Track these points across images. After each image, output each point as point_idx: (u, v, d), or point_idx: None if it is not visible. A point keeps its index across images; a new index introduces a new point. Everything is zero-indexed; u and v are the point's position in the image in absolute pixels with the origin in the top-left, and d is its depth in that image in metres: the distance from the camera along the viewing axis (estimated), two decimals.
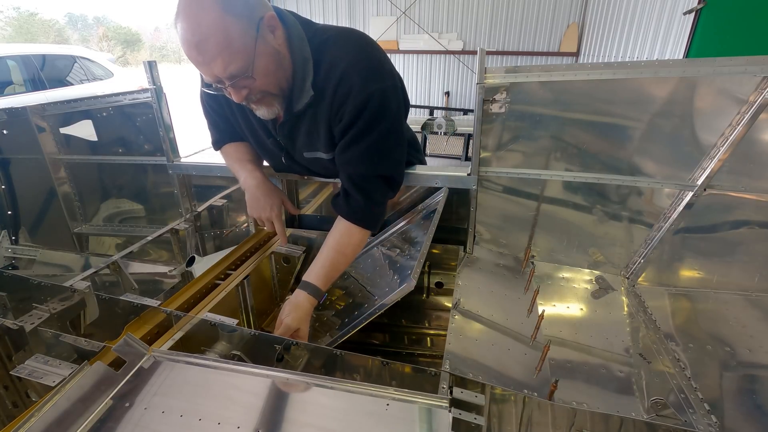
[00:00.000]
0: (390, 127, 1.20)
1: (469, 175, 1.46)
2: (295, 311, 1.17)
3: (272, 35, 1.08)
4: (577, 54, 6.87)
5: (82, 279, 1.31)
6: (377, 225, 1.32)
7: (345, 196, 1.27)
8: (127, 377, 0.87)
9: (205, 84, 1.07)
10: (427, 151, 6.38)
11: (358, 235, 1.28)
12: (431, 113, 7.15)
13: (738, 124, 1.19)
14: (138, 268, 1.67)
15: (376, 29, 7.60)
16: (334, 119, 1.20)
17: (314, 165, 1.39)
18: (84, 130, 1.89)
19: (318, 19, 2.16)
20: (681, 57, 3.73)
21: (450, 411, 0.80)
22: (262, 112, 1.19)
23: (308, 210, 1.79)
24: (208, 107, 1.42)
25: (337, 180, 1.39)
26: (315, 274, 1.22)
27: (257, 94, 1.12)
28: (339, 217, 1.29)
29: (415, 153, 1.61)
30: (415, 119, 5.54)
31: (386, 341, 1.70)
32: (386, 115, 1.18)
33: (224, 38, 0.98)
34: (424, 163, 1.67)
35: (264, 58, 1.06)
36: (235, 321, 1.06)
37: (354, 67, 1.14)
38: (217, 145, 1.51)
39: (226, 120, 1.43)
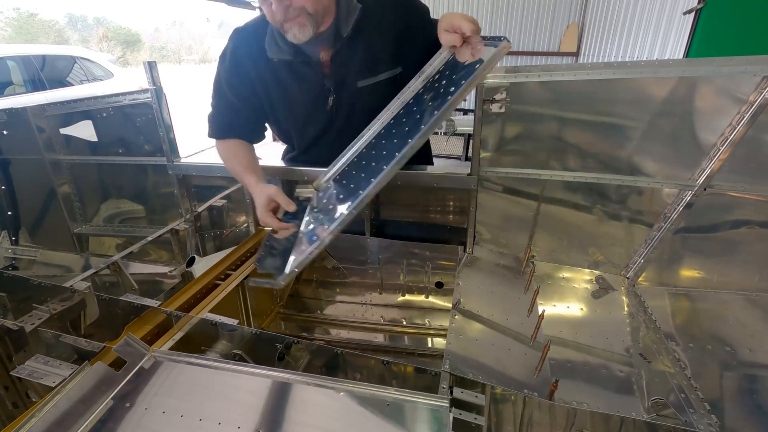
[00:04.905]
0: None
1: (469, 175, 1.46)
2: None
3: None
4: (577, 54, 6.86)
5: (82, 279, 1.30)
6: None
7: None
8: (128, 377, 0.88)
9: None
10: None
11: None
12: None
13: (738, 124, 1.19)
14: (138, 268, 1.67)
15: None
16: (400, 25, 1.32)
17: (366, 99, 1.38)
18: (84, 130, 1.89)
19: None
20: (681, 57, 3.73)
21: (450, 411, 0.80)
22: (294, 32, 1.21)
23: None
24: (226, 86, 1.38)
25: None
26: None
27: (295, 10, 1.18)
28: None
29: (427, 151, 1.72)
30: None
31: (386, 341, 1.70)
32: None
33: None
34: (431, 162, 1.69)
35: None
36: (236, 321, 1.06)
37: None
38: (221, 132, 1.44)
39: (245, 100, 1.38)
